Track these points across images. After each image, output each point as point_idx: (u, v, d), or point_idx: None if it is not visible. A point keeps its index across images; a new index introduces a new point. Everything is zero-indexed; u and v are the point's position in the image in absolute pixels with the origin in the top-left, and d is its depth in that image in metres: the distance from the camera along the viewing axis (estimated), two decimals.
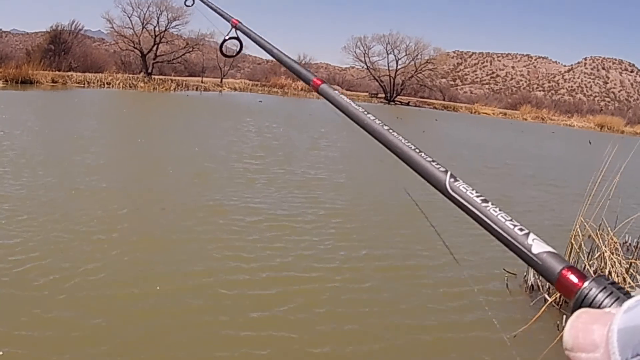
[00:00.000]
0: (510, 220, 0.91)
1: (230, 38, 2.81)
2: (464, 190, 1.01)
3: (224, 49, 2.84)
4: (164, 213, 9.41)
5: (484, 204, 0.97)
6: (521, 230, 0.89)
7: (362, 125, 1.38)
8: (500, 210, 0.93)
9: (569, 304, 0.68)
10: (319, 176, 14.25)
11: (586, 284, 0.72)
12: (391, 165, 1.42)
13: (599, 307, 0.68)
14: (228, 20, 2.94)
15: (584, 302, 0.70)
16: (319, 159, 17.34)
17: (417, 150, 1.17)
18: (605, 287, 0.70)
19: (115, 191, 10.61)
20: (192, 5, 5.23)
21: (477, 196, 1.00)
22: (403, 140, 1.22)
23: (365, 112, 1.39)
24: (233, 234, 8.52)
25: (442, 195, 0.99)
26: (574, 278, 0.74)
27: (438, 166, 1.09)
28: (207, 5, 3.75)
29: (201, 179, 12.36)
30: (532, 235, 0.87)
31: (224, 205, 10.14)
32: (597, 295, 0.69)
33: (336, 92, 1.58)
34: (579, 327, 0.62)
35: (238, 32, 2.81)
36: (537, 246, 0.85)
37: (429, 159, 1.12)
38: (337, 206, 11.05)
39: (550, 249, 0.84)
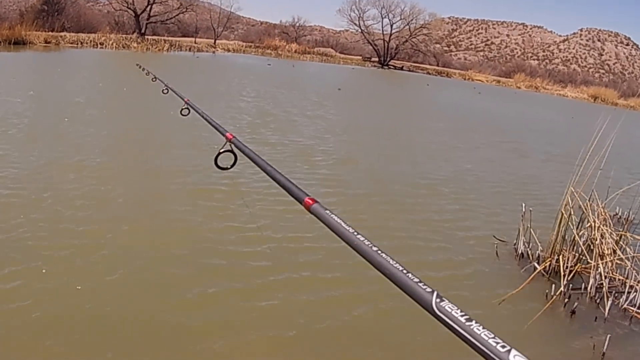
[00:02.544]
0: (494, 337, 0.94)
1: (224, 151, 2.84)
2: (449, 310, 1.07)
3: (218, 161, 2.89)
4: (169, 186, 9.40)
5: (468, 323, 1.01)
6: (503, 347, 0.91)
7: (352, 246, 1.42)
8: (483, 328, 0.97)
9: None
10: None
11: None
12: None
13: None
14: (223, 134, 2.97)
15: None
16: None
17: (404, 271, 1.21)
18: None
19: (110, 157, 10.57)
20: (188, 115, 5.24)
21: (462, 315, 1.04)
22: (391, 261, 1.27)
23: (355, 233, 1.43)
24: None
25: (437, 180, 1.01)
26: None
27: (425, 287, 1.14)
28: (204, 118, 3.80)
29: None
30: (513, 352, 0.89)
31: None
32: None
33: (327, 212, 1.62)
34: None
35: (232, 145, 2.85)
36: None
37: (415, 279, 1.18)
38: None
39: None
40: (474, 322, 1.00)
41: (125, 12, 69.89)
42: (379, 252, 1.34)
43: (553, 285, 6.32)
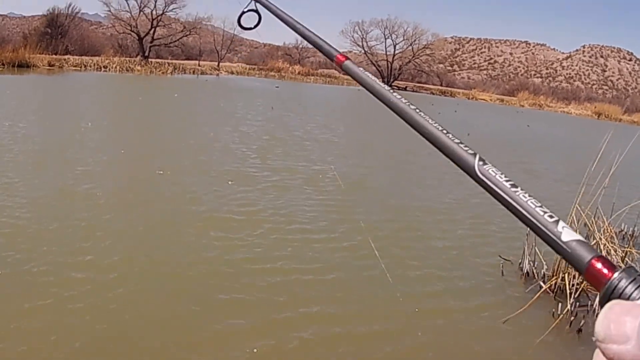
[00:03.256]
0: (540, 206, 0.89)
1: (248, 10, 2.78)
2: (493, 174, 0.98)
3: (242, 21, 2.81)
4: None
5: (513, 189, 0.95)
6: (551, 217, 0.87)
7: (387, 104, 1.35)
8: (530, 196, 0.91)
9: (599, 294, 0.70)
10: None
11: (616, 274, 0.70)
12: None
13: (628, 299, 0.67)
14: None
15: (613, 293, 0.69)
16: None
17: (445, 132, 1.14)
18: (635, 279, 0.68)
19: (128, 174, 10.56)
20: None
21: (507, 181, 0.97)
22: (430, 121, 1.19)
23: (391, 91, 1.37)
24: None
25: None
26: (603, 268, 0.73)
27: (467, 148, 1.07)
28: None
29: None
30: (561, 223, 0.84)
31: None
32: (627, 287, 0.68)
33: (360, 69, 1.57)
34: (611, 318, 0.61)
35: (257, 4, 2.78)
36: (567, 234, 0.83)
37: (457, 140, 1.10)
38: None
39: (580, 237, 0.81)
40: (519, 188, 0.94)
41: (128, 35, 70.28)
42: (418, 110, 1.26)
43: (559, 304, 6.27)
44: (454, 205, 11.06)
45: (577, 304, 6.46)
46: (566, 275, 6.77)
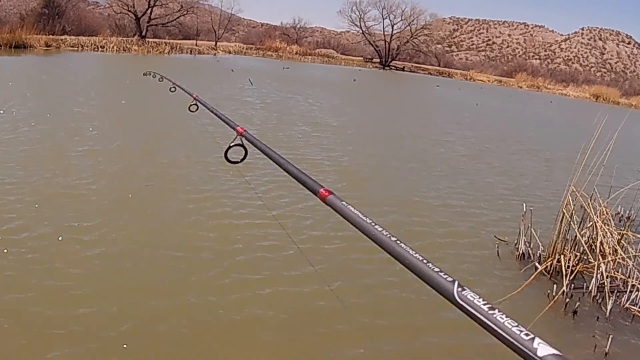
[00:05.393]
0: (517, 326, 0.94)
1: (235, 145, 2.82)
2: (472, 299, 1.07)
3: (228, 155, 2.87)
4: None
5: (491, 312, 1.00)
6: (527, 335, 0.91)
7: (369, 236, 1.40)
8: (506, 317, 0.97)
9: None
10: None
11: None
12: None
13: None
14: (233, 128, 2.94)
15: None
16: None
17: (425, 261, 1.19)
18: None
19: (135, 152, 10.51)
20: (197, 110, 5.13)
21: (484, 304, 1.03)
22: (411, 251, 1.24)
23: (373, 224, 1.40)
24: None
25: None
26: None
27: (445, 276, 1.13)
28: (213, 113, 3.73)
29: None
30: (537, 340, 0.89)
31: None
32: None
33: (344, 203, 1.59)
34: None
35: (243, 139, 2.82)
36: (542, 349, 0.87)
37: (436, 269, 1.16)
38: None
39: (554, 351, 0.86)
40: (496, 310, 1.00)
41: (125, 15, 69.94)
42: (398, 242, 1.34)
43: (555, 285, 6.28)
44: (448, 186, 11.03)
45: (573, 285, 6.47)
46: (562, 257, 6.78)
